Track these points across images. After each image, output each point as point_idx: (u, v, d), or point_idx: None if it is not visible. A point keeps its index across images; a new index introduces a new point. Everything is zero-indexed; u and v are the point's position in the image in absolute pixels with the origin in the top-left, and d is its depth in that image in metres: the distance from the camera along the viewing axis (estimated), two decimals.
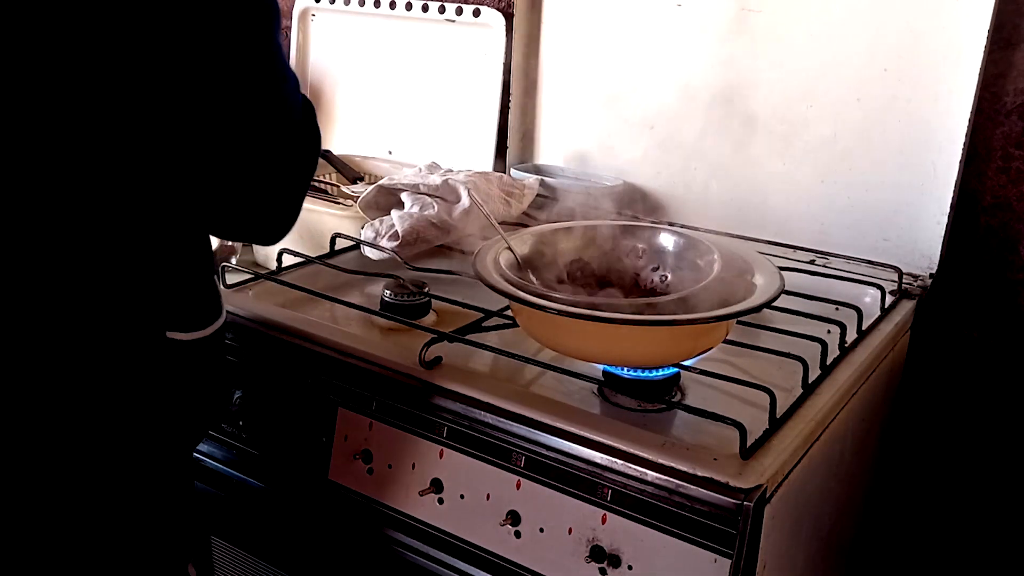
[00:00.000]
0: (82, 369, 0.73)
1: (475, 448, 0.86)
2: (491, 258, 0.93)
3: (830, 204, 1.23)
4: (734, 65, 1.28)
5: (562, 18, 1.42)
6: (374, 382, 0.93)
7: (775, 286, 0.88)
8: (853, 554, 1.17)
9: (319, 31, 1.69)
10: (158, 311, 0.77)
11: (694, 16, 1.30)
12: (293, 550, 0.99)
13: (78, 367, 0.73)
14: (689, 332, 0.86)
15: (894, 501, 1.31)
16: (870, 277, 1.13)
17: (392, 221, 1.19)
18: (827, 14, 1.21)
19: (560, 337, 0.90)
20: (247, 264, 1.21)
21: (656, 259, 1.02)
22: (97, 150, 0.69)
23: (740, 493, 0.74)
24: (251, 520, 1.02)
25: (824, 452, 0.88)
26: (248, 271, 1.10)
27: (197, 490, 1.04)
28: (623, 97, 1.38)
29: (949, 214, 1.16)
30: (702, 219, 1.28)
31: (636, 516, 0.78)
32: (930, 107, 1.15)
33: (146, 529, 0.83)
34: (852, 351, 0.98)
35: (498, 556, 0.86)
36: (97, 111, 0.68)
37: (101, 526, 0.79)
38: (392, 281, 1.06)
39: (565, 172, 1.45)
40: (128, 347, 0.76)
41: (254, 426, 1.01)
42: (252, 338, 1.01)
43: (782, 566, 0.83)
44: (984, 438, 1.26)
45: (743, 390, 0.86)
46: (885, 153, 1.19)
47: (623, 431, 0.81)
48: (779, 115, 1.25)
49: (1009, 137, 1.18)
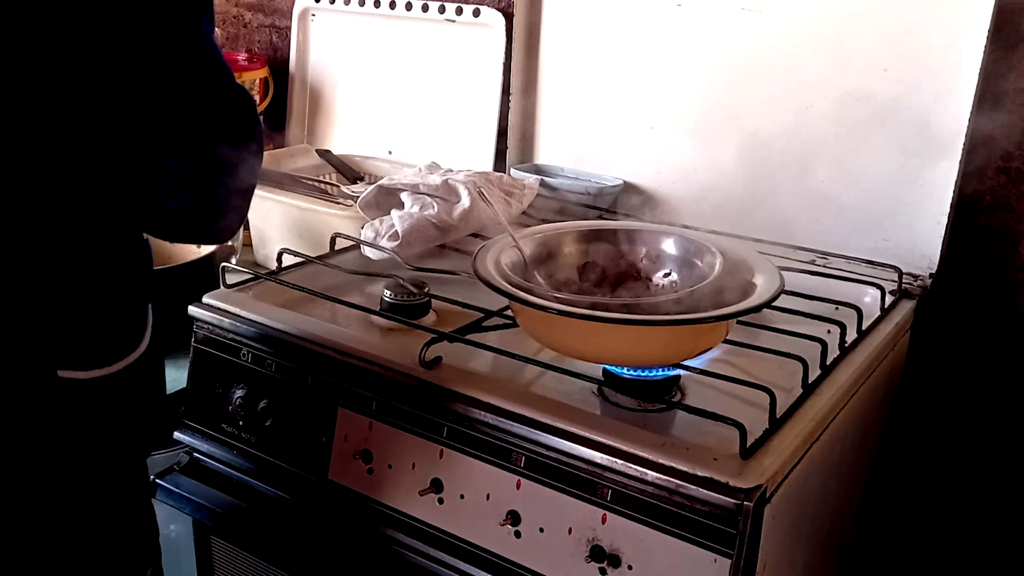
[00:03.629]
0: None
1: (475, 448, 0.86)
2: (491, 258, 0.93)
3: (830, 204, 1.23)
4: (734, 65, 1.28)
5: (562, 18, 1.42)
6: (374, 382, 0.93)
7: (775, 286, 0.88)
8: (853, 554, 1.17)
9: (319, 31, 1.69)
10: (45, 345, 0.67)
11: (694, 16, 1.30)
12: (293, 550, 0.99)
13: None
14: (689, 332, 0.86)
15: (894, 501, 1.31)
16: (870, 277, 1.13)
17: (392, 221, 1.19)
18: (827, 14, 1.20)
19: (560, 337, 0.90)
20: (247, 264, 1.21)
21: (657, 259, 1.02)
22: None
23: (740, 493, 0.74)
24: (251, 520, 1.02)
25: (824, 452, 0.88)
26: (248, 271, 1.10)
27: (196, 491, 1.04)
28: (623, 97, 1.38)
29: (949, 214, 1.16)
30: (702, 219, 1.28)
31: (636, 516, 0.78)
32: (930, 107, 1.15)
33: (92, 551, 0.78)
34: (852, 351, 0.98)
35: (498, 556, 0.86)
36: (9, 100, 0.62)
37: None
38: (392, 281, 1.06)
39: (565, 172, 1.45)
40: (7, 389, 0.66)
41: (254, 426, 1.01)
42: (252, 338, 1.01)
43: (782, 566, 0.83)
44: (984, 438, 1.26)
45: (743, 390, 0.86)
46: (885, 153, 1.19)
47: (623, 431, 0.81)
48: (779, 115, 1.25)
49: (1009, 137, 1.18)
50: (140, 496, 0.87)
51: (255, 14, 1.83)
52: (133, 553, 0.85)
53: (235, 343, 1.02)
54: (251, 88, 1.71)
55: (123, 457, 0.82)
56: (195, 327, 1.05)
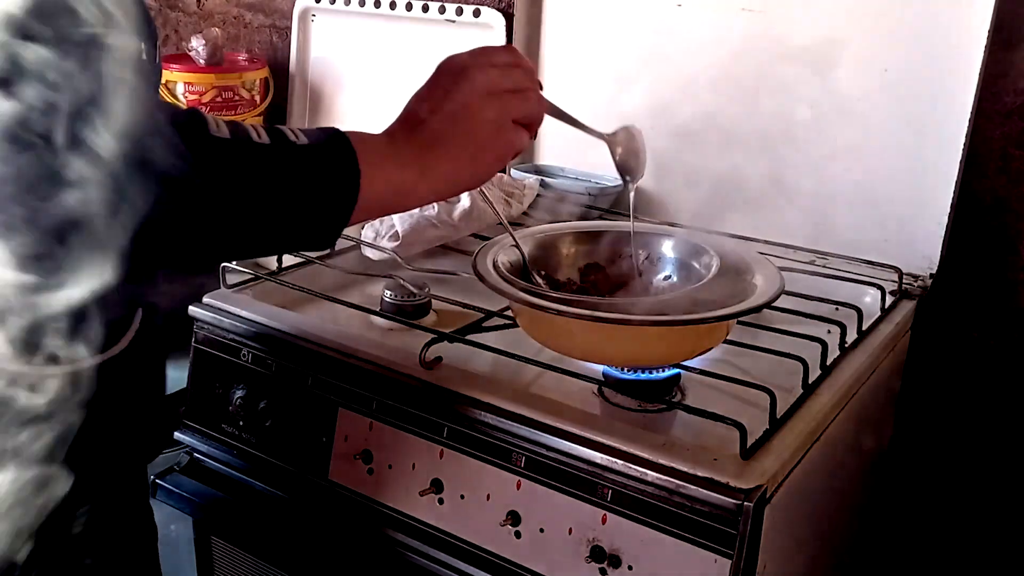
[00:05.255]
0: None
1: (475, 448, 0.86)
2: (491, 258, 0.93)
3: (830, 204, 1.23)
4: (734, 66, 1.28)
5: (562, 18, 1.42)
6: (374, 382, 0.93)
7: (775, 286, 0.88)
8: (853, 554, 1.17)
9: (319, 31, 1.69)
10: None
11: (694, 16, 1.30)
12: (293, 550, 0.99)
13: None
14: (689, 332, 0.86)
15: (894, 501, 1.31)
16: (870, 277, 1.13)
17: (392, 221, 1.19)
18: (827, 15, 1.20)
19: (560, 337, 0.90)
20: (247, 264, 1.20)
21: (657, 260, 1.02)
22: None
23: (740, 493, 0.74)
24: (251, 520, 1.02)
25: (824, 452, 0.88)
26: (248, 271, 1.10)
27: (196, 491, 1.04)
28: (623, 97, 1.38)
29: (949, 214, 1.16)
30: (702, 219, 1.28)
31: (636, 516, 0.78)
32: (930, 107, 1.15)
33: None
34: (852, 351, 0.98)
35: (498, 556, 0.86)
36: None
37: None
38: (392, 281, 1.06)
39: (565, 172, 1.45)
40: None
41: (254, 426, 1.01)
42: (252, 338, 1.01)
43: (782, 566, 0.83)
44: (984, 438, 1.26)
45: (743, 390, 0.86)
46: (885, 153, 1.19)
47: (623, 431, 0.81)
48: (779, 115, 1.25)
49: (1009, 137, 1.18)
50: (138, 500, 0.87)
51: (255, 14, 1.83)
52: (130, 557, 0.85)
53: (235, 343, 1.02)
54: (251, 88, 1.71)
55: (118, 458, 0.81)
56: (195, 327, 1.05)
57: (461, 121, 0.76)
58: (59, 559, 0.76)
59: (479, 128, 0.76)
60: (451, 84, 0.76)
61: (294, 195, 0.65)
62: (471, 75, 0.75)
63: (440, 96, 0.76)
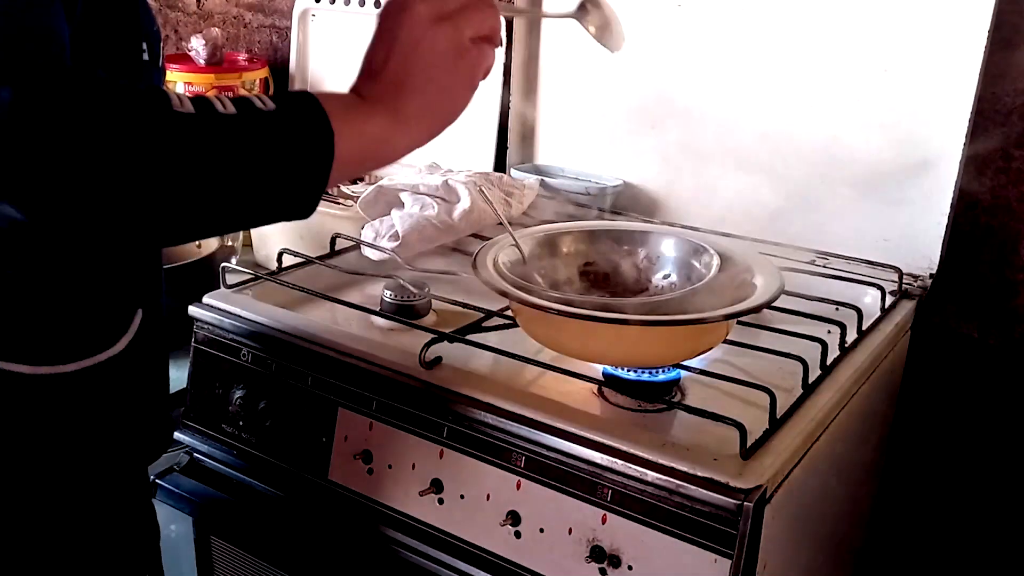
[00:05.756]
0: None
1: (475, 448, 0.86)
2: (491, 258, 0.93)
3: (830, 204, 1.23)
4: (734, 65, 1.28)
5: (562, 18, 1.41)
6: (374, 382, 0.93)
7: (775, 286, 0.88)
8: (853, 554, 1.17)
9: (319, 31, 1.69)
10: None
11: (694, 16, 1.30)
12: (293, 550, 0.99)
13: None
14: (689, 332, 0.86)
15: (895, 501, 1.31)
16: (870, 277, 1.13)
17: (392, 221, 1.19)
18: (827, 15, 1.20)
19: (560, 337, 0.90)
20: (247, 264, 1.21)
21: (657, 259, 1.02)
22: None
23: (740, 493, 0.74)
24: (251, 520, 1.02)
25: (824, 452, 0.88)
26: (248, 271, 1.10)
27: (196, 491, 1.04)
28: (623, 97, 1.38)
29: (949, 214, 1.16)
30: (702, 219, 1.28)
31: (636, 516, 0.78)
32: (930, 107, 1.15)
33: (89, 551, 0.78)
34: (852, 351, 0.98)
35: (498, 556, 0.86)
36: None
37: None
38: (392, 281, 1.06)
39: (565, 172, 1.45)
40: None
41: (254, 426, 1.01)
42: (252, 338, 1.01)
43: (782, 566, 0.83)
44: (985, 438, 1.26)
45: (743, 390, 0.86)
46: (885, 153, 1.19)
47: (623, 431, 0.81)
48: (779, 115, 1.25)
49: (1009, 137, 1.18)
50: (140, 500, 0.87)
51: (255, 14, 1.83)
52: (132, 558, 0.85)
53: (235, 343, 1.02)
54: (251, 88, 1.71)
55: (120, 460, 0.81)
56: (195, 327, 1.05)
57: (416, 57, 0.72)
58: (60, 558, 0.76)
59: (437, 59, 0.72)
60: (395, 24, 0.72)
61: (267, 163, 0.63)
62: (412, 7, 0.71)
63: (389, 40, 0.72)
